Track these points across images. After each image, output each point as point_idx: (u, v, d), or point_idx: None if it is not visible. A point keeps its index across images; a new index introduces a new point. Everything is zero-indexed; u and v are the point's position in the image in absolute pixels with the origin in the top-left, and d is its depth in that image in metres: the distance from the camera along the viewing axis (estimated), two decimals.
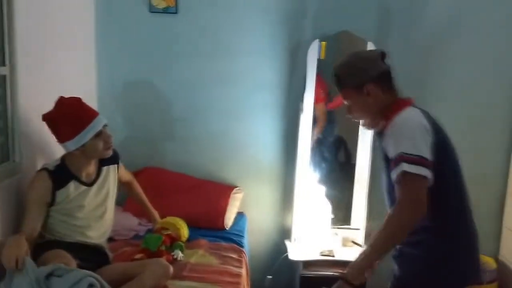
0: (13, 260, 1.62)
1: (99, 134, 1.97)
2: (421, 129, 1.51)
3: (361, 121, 1.75)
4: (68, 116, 1.93)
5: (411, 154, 1.45)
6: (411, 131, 1.50)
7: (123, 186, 2.46)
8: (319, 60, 2.68)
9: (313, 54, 2.66)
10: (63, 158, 2.02)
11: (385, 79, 1.65)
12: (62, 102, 1.96)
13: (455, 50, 2.91)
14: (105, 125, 2.00)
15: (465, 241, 1.63)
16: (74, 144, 1.93)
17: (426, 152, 1.46)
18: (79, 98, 2.00)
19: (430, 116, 1.61)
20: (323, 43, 2.65)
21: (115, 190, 2.22)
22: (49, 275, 1.59)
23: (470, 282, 1.67)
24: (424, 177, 1.45)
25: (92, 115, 1.97)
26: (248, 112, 2.97)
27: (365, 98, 1.63)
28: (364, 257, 1.57)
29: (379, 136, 1.67)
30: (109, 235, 2.22)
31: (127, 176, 2.46)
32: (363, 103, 1.65)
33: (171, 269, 2.03)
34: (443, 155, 1.54)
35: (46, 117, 1.95)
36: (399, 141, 1.50)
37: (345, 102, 1.72)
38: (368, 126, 1.73)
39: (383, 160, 1.63)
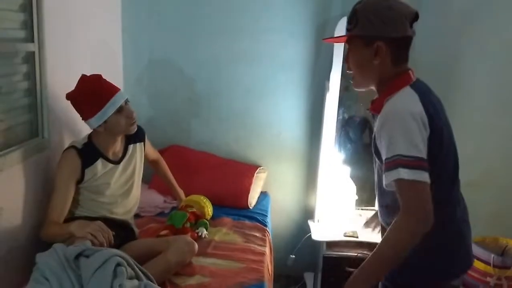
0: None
1: (121, 110, 1.96)
2: (417, 122, 1.30)
3: (352, 76, 1.51)
4: (89, 93, 1.94)
5: (409, 157, 1.26)
6: (407, 125, 1.30)
7: (150, 164, 2.48)
8: None
9: (340, 32, 2.58)
10: (90, 137, 2.04)
11: (402, 45, 1.42)
12: (83, 80, 1.97)
13: (489, 29, 2.78)
14: (127, 101, 2.00)
15: (451, 233, 1.48)
16: (96, 120, 1.94)
17: (423, 150, 1.29)
18: (100, 75, 2.00)
19: (428, 96, 1.41)
20: None
21: (142, 168, 2.24)
22: (78, 255, 1.62)
23: (459, 273, 1.57)
24: (424, 182, 1.27)
25: (112, 91, 1.97)
26: (273, 91, 2.94)
27: (371, 55, 1.40)
28: (363, 272, 1.36)
29: (373, 116, 1.48)
30: (135, 212, 2.25)
31: (154, 154, 2.47)
32: (366, 59, 1.42)
33: (196, 246, 2.05)
34: (437, 146, 1.36)
35: (70, 96, 1.97)
36: (395, 138, 1.29)
37: (347, 46, 1.48)
38: (356, 84, 1.52)
39: (373, 147, 1.44)
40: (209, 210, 2.52)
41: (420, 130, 1.30)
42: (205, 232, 2.34)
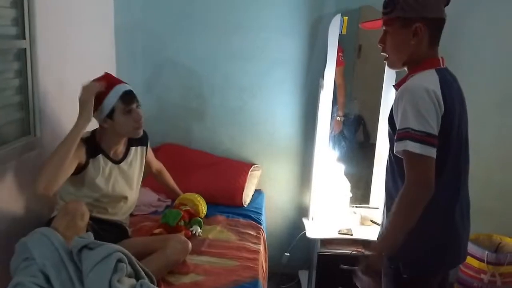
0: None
1: (130, 111, 1.97)
2: (431, 99, 1.37)
3: (385, 56, 1.58)
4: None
5: (418, 131, 1.35)
6: (420, 101, 1.37)
7: (153, 175, 2.46)
8: (340, 36, 2.61)
9: (334, 29, 2.59)
10: (93, 133, 2.03)
11: (437, 27, 1.49)
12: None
13: (482, 25, 2.80)
14: (138, 105, 2.01)
15: (450, 221, 1.52)
16: (101, 113, 1.94)
17: (434, 126, 1.36)
18: (106, 72, 2.03)
19: (450, 84, 1.47)
20: (345, 18, 2.58)
21: (142, 172, 2.23)
22: (82, 248, 1.61)
23: (449, 266, 1.61)
24: (429, 157, 1.36)
25: (115, 82, 1.98)
26: (267, 89, 2.93)
27: (409, 36, 1.46)
28: (382, 238, 1.51)
29: (395, 89, 1.55)
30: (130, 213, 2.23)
31: (157, 164, 2.47)
32: (403, 40, 1.48)
33: (190, 245, 2.04)
34: (445, 134, 1.42)
35: None
36: (407, 112, 1.37)
37: (383, 29, 1.54)
38: (391, 64, 1.58)
39: (388, 119, 1.51)
40: (203, 208, 2.51)
41: (435, 106, 1.38)
42: (199, 230, 2.33)
